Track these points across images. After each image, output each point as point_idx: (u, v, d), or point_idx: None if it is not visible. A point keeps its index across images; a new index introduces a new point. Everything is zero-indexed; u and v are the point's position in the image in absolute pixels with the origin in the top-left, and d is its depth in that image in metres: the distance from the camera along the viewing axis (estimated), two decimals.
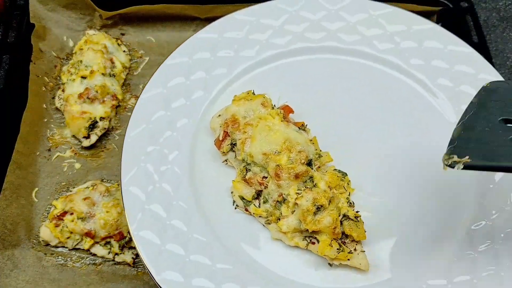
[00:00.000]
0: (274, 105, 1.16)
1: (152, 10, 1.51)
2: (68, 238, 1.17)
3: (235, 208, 1.09)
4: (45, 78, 1.41)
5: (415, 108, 1.25)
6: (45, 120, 1.36)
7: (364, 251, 1.02)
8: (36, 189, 1.25)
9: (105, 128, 1.34)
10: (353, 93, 1.27)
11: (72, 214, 1.17)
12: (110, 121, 1.36)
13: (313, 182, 1.04)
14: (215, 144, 1.14)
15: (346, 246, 1.01)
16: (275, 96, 1.20)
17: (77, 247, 1.18)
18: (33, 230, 1.20)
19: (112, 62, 1.42)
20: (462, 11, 1.54)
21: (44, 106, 1.38)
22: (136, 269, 1.17)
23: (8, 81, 1.35)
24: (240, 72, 1.27)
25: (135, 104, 1.18)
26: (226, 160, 1.14)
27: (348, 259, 1.00)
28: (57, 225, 1.17)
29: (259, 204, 1.07)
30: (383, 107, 1.25)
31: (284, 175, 1.03)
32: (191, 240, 1.02)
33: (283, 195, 1.03)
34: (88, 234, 1.16)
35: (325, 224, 0.99)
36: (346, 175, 1.10)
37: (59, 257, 1.17)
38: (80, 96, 1.33)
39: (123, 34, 1.53)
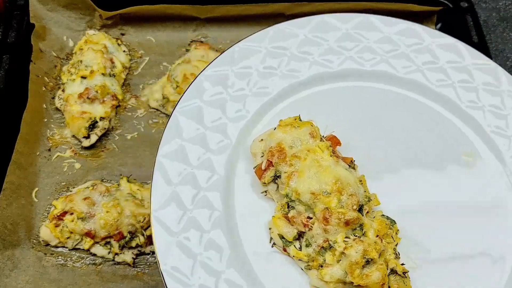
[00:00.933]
0: (322, 136, 1.05)
1: (152, 10, 1.51)
2: (68, 238, 1.17)
3: (272, 246, 0.99)
4: (45, 78, 1.41)
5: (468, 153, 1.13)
6: (45, 120, 1.36)
7: None
8: (36, 189, 1.25)
9: (105, 128, 1.34)
10: (406, 130, 1.15)
11: (72, 214, 1.17)
12: (110, 121, 1.36)
13: (362, 230, 0.94)
14: (255, 172, 1.03)
15: None
16: (321, 123, 1.06)
17: (77, 247, 1.18)
18: (33, 230, 1.20)
19: (112, 62, 1.42)
20: (462, 11, 1.54)
21: (44, 106, 1.37)
22: (136, 269, 1.17)
23: (8, 81, 1.35)
24: (284, 91, 1.15)
25: (169, 118, 1.06)
26: (265, 191, 1.03)
27: None
28: (57, 225, 1.17)
29: (300, 246, 0.96)
30: (436, 150, 1.13)
31: (333, 221, 0.92)
32: (223, 275, 0.93)
33: (329, 241, 0.93)
34: (88, 234, 1.16)
35: (374, 280, 0.91)
36: (395, 223, 1.00)
37: (59, 257, 1.17)
38: (80, 96, 1.33)
39: (123, 34, 1.53)
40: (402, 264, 0.96)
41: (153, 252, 1.18)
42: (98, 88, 1.34)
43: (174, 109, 1.06)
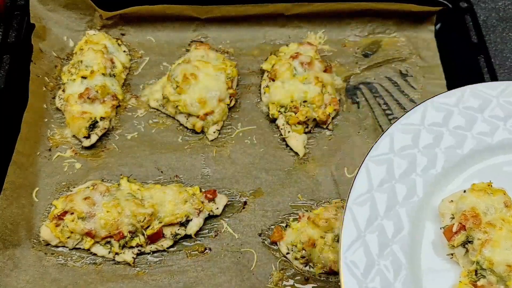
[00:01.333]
0: None
1: (152, 11, 1.51)
2: (68, 238, 1.17)
3: None
4: (46, 78, 1.41)
5: None
6: (46, 120, 1.36)
7: None
8: (37, 189, 1.25)
9: (105, 128, 1.34)
10: None
11: (72, 214, 1.17)
12: (110, 121, 1.36)
13: None
14: (443, 232, 1.01)
15: None
16: (509, 192, 1.03)
17: (77, 246, 1.18)
18: (33, 230, 1.20)
19: (112, 62, 1.42)
20: (462, 11, 1.54)
21: (45, 106, 1.38)
22: (136, 269, 1.17)
23: (9, 81, 1.35)
24: (476, 154, 1.10)
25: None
26: (451, 254, 1.01)
27: None
28: (57, 225, 1.16)
29: None
30: None
31: None
32: None
33: None
34: (89, 234, 1.16)
35: None
36: None
37: (60, 256, 1.17)
38: (80, 96, 1.33)
39: (123, 34, 1.54)
40: None
41: (154, 252, 1.18)
42: (99, 88, 1.34)
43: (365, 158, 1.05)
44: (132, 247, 1.17)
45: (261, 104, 1.43)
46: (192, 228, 1.20)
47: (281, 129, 1.37)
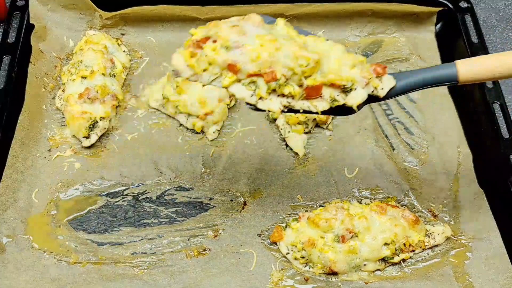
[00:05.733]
0: None
1: (152, 11, 1.51)
2: (204, 70, 0.94)
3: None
4: (45, 79, 1.41)
5: None
6: (45, 121, 1.36)
7: None
8: (36, 189, 1.25)
9: (105, 128, 1.34)
10: None
11: (215, 41, 0.93)
12: (110, 121, 1.36)
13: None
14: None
15: None
16: None
17: (214, 83, 0.95)
18: (33, 230, 1.19)
19: (112, 62, 1.42)
20: (462, 11, 1.54)
21: (44, 107, 1.38)
22: (136, 268, 1.17)
23: (9, 82, 1.35)
24: None
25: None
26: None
27: None
28: (193, 56, 0.94)
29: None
30: None
31: None
32: None
33: None
34: (231, 68, 0.92)
35: None
36: None
37: (59, 255, 1.17)
38: (80, 96, 1.33)
39: (123, 34, 1.54)
40: None
41: (152, 251, 1.18)
42: (98, 88, 1.34)
43: None
44: (282, 95, 0.95)
45: None
46: (354, 98, 0.97)
47: (281, 129, 1.37)
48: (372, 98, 0.99)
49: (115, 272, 1.16)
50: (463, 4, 1.55)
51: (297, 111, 0.97)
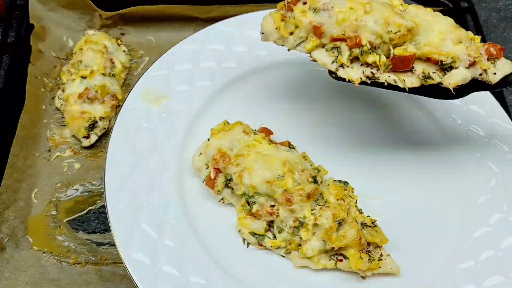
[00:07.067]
0: (255, 130, 1.11)
1: (152, 11, 1.51)
2: (291, 34, 0.95)
3: (247, 246, 1.03)
4: (45, 79, 1.41)
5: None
6: (45, 121, 1.36)
7: (390, 255, 0.99)
8: (36, 190, 1.25)
9: (105, 128, 1.34)
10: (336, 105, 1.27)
11: (305, 3, 0.93)
12: (110, 121, 1.36)
13: (324, 198, 0.99)
14: (206, 184, 1.06)
15: (373, 255, 0.97)
16: (247, 121, 1.13)
17: (298, 48, 0.96)
18: (33, 230, 1.19)
19: (112, 62, 1.42)
20: (462, 11, 1.54)
21: (44, 107, 1.37)
22: None
23: (8, 81, 1.35)
24: (202, 102, 1.22)
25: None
26: (222, 199, 1.06)
27: (380, 267, 0.97)
28: (283, 18, 0.95)
29: (274, 235, 1.00)
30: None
31: (295, 199, 0.96)
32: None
33: (299, 219, 0.97)
34: (316, 30, 0.90)
35: (351, 237, 0.95)
36: (348, 183, 1.06)
37: (58, 256, 1.17)
38: (80, 96, 1.32)
39: (123, 34, 1.53)
40: (368, 216, 1.02)
41: None
42: (98, 88, 1.34)
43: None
44: (365, 64, 0.90)
45: None
46: (452, 78, 0.88)
47: None
48: (479, 85, 0.90)
49: (115, 272, 1.15)
50: (464, 4, 1.55)
51: (381, 85, 0.92)
